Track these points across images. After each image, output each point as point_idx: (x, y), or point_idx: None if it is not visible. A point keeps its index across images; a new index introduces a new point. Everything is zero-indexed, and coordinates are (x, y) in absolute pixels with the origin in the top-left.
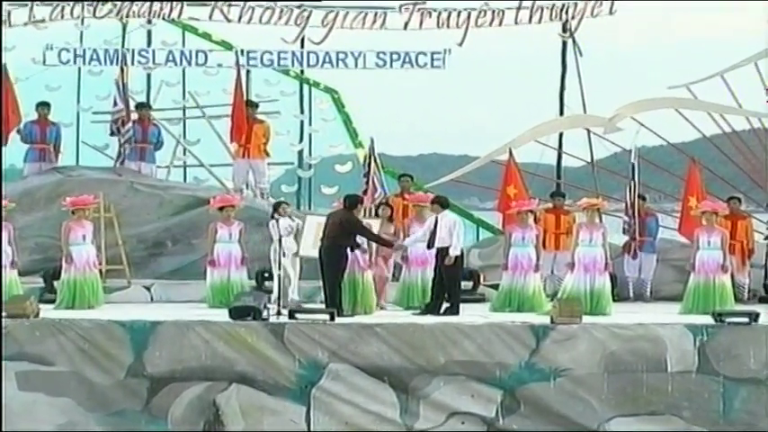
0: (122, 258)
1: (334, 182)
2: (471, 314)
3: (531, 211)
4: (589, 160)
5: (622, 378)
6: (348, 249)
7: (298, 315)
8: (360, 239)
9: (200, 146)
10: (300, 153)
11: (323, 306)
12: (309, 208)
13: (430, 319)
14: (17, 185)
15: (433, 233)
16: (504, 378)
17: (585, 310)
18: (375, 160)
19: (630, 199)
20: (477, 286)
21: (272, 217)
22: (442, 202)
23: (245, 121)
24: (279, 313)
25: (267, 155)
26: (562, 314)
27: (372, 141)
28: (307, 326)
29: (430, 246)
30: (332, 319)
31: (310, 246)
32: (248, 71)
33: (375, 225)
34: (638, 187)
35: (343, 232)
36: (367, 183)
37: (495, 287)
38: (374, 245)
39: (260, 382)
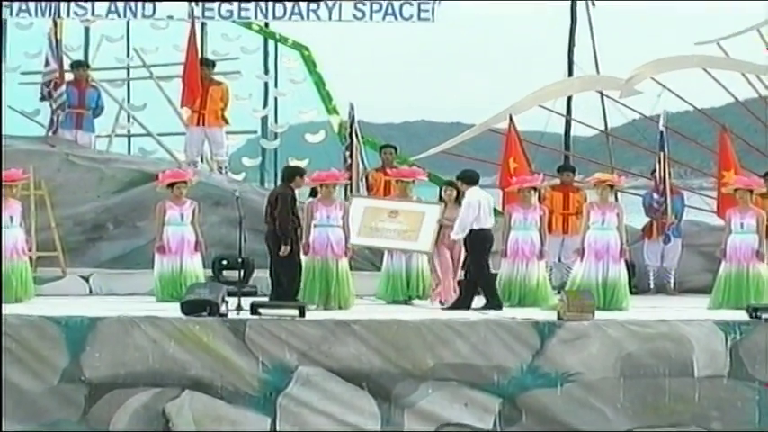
0: (56, 244)
1: (304, 154)
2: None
3: (535, 189)
4: (603, 129)
5: (641, 384)
6: (294, 231)
7: (261, 310)
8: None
9: (147, 112)
10: (264, 120)
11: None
12: (275, 184)
13: (416, 315)
14: None
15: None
16: (503, 384)
17: (598, 304)
18: (355, 130)
19: (660, 172)
20: None
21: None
22: (466, 178)
23: (200, 82)
24: (239, 308)
25: (225, 122)
26: (571, 309)
27: (352, 108)
28: (272, 323)
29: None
30: (301, 314)
31: (355, 235)
32: (203, 24)
33: (437, 210)
34: (668, 159)
35: (280, 212)
36: (351, 156)
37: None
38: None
39: (217, 388)
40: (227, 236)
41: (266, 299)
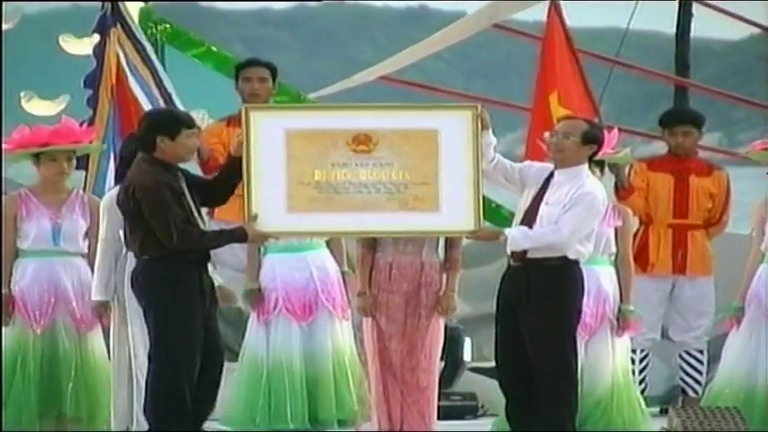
0: None
1: (52, 84)
2: None
3: (603, 165)
4: (765, 25)
5: None
6: (197, 259)
7: None
8: None
9: None
10: None
11: None
12: None
13: None
14: None
15: (533, 211)
16: None
17: None
18: (129, 24)
19: None
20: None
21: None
22: (597, 139)
23: None
24: None
25: None
26: None
27: None
28: None
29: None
30: None
31: (283, 210)
32: None
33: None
34: None
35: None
36: (96, 94)
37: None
38: None
39: None
40: None
41: None
